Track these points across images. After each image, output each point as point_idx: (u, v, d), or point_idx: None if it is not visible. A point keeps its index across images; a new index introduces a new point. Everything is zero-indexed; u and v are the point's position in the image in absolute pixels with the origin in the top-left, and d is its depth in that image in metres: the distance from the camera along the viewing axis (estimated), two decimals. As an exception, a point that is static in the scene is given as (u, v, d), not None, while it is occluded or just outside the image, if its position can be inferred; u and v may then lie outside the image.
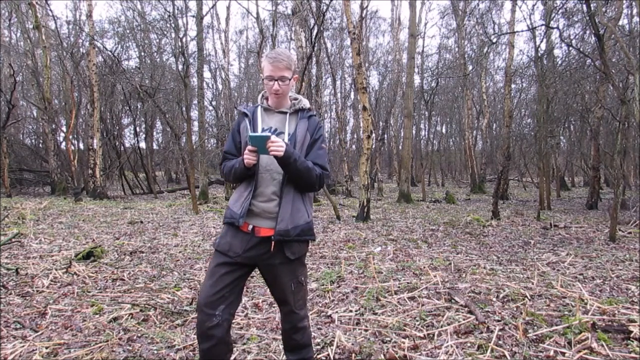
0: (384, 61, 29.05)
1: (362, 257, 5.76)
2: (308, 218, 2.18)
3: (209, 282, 2.11)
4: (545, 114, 13.06)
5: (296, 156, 2.05)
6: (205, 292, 2.09)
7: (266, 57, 2.15)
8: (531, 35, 13.97)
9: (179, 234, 7.63)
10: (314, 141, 2.21)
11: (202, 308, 2.07)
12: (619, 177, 7.52)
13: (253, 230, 2.12)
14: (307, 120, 2.23)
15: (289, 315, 2.26)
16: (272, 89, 2.15)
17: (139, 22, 20.34)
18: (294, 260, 2.16)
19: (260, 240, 2.12)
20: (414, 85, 16.80)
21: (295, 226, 2.11)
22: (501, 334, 3.09)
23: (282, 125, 2.21)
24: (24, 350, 2.83)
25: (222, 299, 2.08)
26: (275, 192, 2.12)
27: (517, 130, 19.60)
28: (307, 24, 14.36)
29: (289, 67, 2.14)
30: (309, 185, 2.16)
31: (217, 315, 2.06)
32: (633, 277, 4.71)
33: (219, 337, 2.06)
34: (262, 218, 2.12)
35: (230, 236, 2.15)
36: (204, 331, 2.06)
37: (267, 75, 2.14)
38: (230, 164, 2.20)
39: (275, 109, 2.24)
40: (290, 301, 2.22)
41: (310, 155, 2.18)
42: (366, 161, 9.93)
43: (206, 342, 2.07)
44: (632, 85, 8.13)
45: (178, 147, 17.80)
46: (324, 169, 2.19)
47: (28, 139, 23.18)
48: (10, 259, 5.35)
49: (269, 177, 2.13)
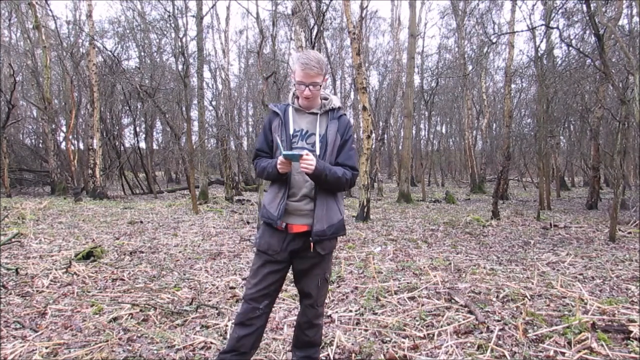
0: (383, 61, 29.06)
1: (362, 257, 5.76)
2: (341, 216, 2.29)
3: (254, 280, 2.26)
4: (545, 113, 13.07)
5: (327, 171, 2.13)
6: (251, 288, 2.25)
7: (298, 62, 2.18)
8: (531, 35, 13.97)
9: (179, 234, 7.63)
10: (344, 142, 2.28)
11: (248, 301, 2.24)
12: (619, 177, 7.52)
13: (286, 227, 2.22)
14: (337, 120, 2.29)
15: (308, 309, 2.36)
16: (303, 93, 2.20)
17: (139, 22, 20.34)
18: (324, 255, 2.28)
19: (294, 236, 2.23)
20: (413, 85, 16.79)
21: (330, 225, 2.22)
22: (501, 334, 3.09)
23: (312, 127, 2.27)
24: (23, 350, 2.83)
25: (266, 296, 2.24)
26: (307, 194, 2.22)
27: (517, 130, 19.60)
28: (307, 24, 14.35)
29: (321, 72, 2.18)
30: (339, 190, 2.29)
31: (261, 308, 2.24)
32: (633, 277, 4.72)
33: (258, 326, 2.25)
34: (294, 215, 2.23)
35: (268, 236, 2.27)
36: (246, 320, 2.23)
37: (298, 81, 2.18)
38: (263, 164, 2.28)
39: (306, 110, 2.29)
40: (315, 295, 2.32)
41: (341, 156, 2.26)
42: (366, 161, 9.94)
43: (245, 329, 2.23)
44: (632, 85, 8.13)
45: (178, 147, 17.81)
46: (354, 170, 2.27)
47: (28, 139, 23.19)
48: (10, 259, 5.35)
49: (302, 179, 2.22)
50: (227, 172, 16.45)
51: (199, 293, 4.13)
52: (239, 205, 13.43)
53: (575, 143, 20.31)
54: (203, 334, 3.15)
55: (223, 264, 5.44)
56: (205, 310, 3.64)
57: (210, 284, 4.45)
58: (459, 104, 26.91)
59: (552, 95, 13.68)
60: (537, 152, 13.91)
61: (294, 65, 2.21)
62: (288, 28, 24.05)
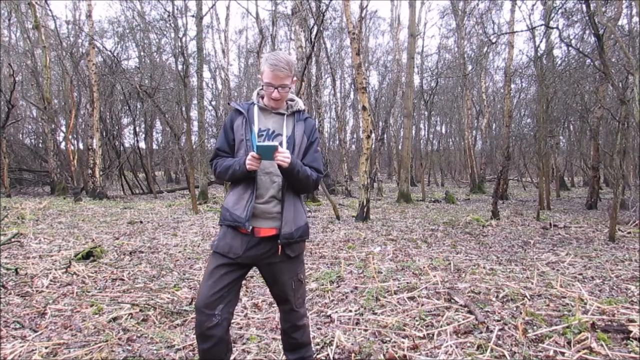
0: (383, 61, 29.09)
1: (362, 257, 5.76)
2: (306, 218, 2.25)
3: (208, 282, 2.11)
4: (544, 113, 13.07)
5: (299, 166, 2.09)
6: (204, 293, 2.09)
7: (266, 62, 2.12)
8: (531, 35, 13.96)
9: (179, 234, 7.63)
10: (310, 144, 2.23)
11: (201, 309, 2.07)
12: (619, 177, 7.52)
13: (252, 230, 2.12)
14: (303, 122, 2.25)
15: (288, 314, 2.28)
16: (271, 94, 2.14)
17: (139, 22, 20.33)
18: (294, 257, 2.21)
19: (260, 240, 2.13)
20: (413, 85, 16.79)
21: (297, 228, 2.17)
22: (501, 333, 3.09)
23: (279, 127, 2.21)
24: (23, 350, 2.83)
25: (221, 299, 2.08)
26: (273, 195, 2.14)
27: (517, 130, 19.60)
28: (307, 24, 14.36)
29: (289, 74, 2.13)
30: (305, 190, 2.24)
31: (217, 315, 2.06)
32: (632, 277, 4.72)
33: (219, 337, 2.07)
34: (261, 219, 2.13)
35: (229, 238, 2.15)
36: (204, 331, 2.06)
37: (267, 82, 2.12)
38: (226, 163, 2.17)
39: (272, 110, 2.23)
40: (291, 299, 2.24)
41: (306, 158, 2.21)
42: (366, 161, 9.93)
43: (206, 342, 2.07)
44: (631, 85, 8.13)
45: (178, 147, 17.80)
46: (319, 172, 2.23)
47: (28, 139, 23.18)
48: (10, 259, 5.34)
49: (269, 180, 2.15)
50: (227, 172, 16.41)
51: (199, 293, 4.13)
52: (238, 205, 13.41)
53: (575, 143, 20.32)
54: (203, 334, 3.14)
55: (223, 264, 5.43)
56: (205, 310, 3.64)
57: (210, 284, 4.45)
58: (459, 104, 26.90)
59: (551, 95, 13.68)
60: (537, 152, 13.92)
61: (262, 65, 2.15)
62: (288, 28, 24.08)
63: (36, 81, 16.30)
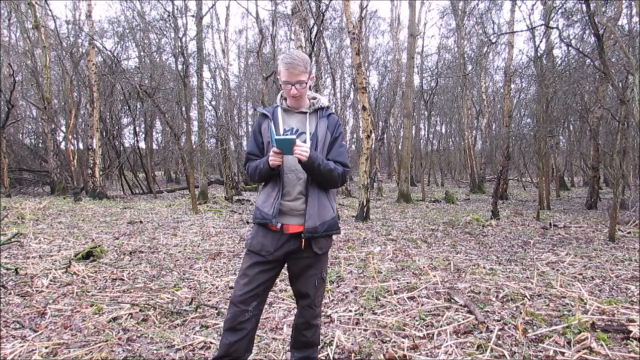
0: (383, 61, 29.06)
1: (362, 257, 5.76)
2: (333, 213, 2.27)
3: (243, 280, 2.20)
4: (544, 113, 13.08)
5: (319, 160, 2.12)
6: (240, 289, 2.19)
7: (282, 62, 2.17)
8: (531, 35, 13.98)
9: (179, 234, 7.63)
10: (334, 139, 2.27)
11: (236, 304, 2.17)
12: (619, 177, 7.52)
13: (281, 228, 2.19)
14: (326, 118, 2.29)
15: (305, 310, 2.33)
16: (290, 92, 2.19)
17: (139, 22, 20.32)
18: (321, 255, 2.26)
19: (289, 237, 2.20)
20: (413, 85, 16.80)
21: (322, 222, 2.20)
22: (500, 333, 3.09)
23: (302, 125, 2.27)
24: (23, 350, 2.83)
25: (255, 297, 2.19)
26: (301, 191, 2.20)
27: (517, 130, 19.61)
28: (307, 24, 14.35)
29: (305, 70, 2.17)
30: (331, 184, 2.25)
31: (250, 310, 2.18)
32: (632, 277, 4.72)
33: (249, 330, 2.19)
34: (289, 216, 2.20)
35: (261, 236, 2.23)
36: (235, 325, 2.16)
37: (284, 81, 2.18)
38: (254, 164, 2.26)
39: (294, 110, 2.29)
40: (312, 295, 2.30)
41: (331, 153, 2.25)
42: (365, 161, 9.93)
43: (235, 334, 2.17)
44: (631, 85, 8.13)
45: (178, 147, 17.79)
46: (345, 166, 2.27)
47: (27, 139, 23.17)
48: (10, 259, 5.34)
49: (294, 177, 2.21)
50: (227, 172, 16.46)
51: (199, 293, 4.13)
52: (238, 205, 13.43)
53: (575, 143, 20.31)
54: (202, 333, 3.15)
55: (223, 263, 5.44)
56: (204, 310, 3.64)
57: (209, 284, 4.45)
58: (459, 104, 26.91)
59: (551, 95, 13.69)
60: (537, 152, 13.92)
61: (279, 66, 2.20)
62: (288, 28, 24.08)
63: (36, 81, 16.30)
